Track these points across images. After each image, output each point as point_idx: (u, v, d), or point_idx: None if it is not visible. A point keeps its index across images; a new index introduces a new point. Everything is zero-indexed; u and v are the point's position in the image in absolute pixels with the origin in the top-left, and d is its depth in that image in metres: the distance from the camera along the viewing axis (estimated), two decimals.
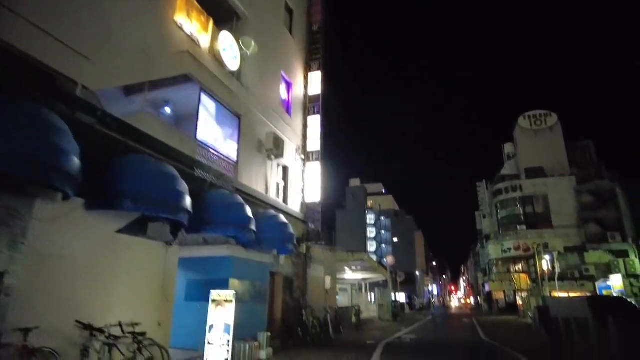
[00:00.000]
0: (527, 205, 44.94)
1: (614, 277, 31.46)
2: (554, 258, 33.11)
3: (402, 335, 16.52)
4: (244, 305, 10.39)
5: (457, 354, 11.35)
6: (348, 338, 15.01)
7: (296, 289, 13.51)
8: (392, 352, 11.45)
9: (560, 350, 12.03)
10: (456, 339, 15.15)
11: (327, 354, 10.97)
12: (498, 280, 48.34)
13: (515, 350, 11.49)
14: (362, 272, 31.51)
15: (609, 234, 41.06)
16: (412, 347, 12.71)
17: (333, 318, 16.18)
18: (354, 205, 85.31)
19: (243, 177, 10.92)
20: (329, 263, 17.13)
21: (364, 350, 11.71)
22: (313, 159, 14.87)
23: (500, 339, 15.04)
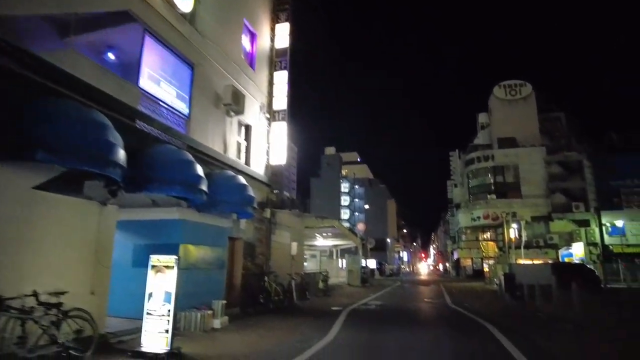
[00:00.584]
0: (497, 175, 45.43)
1: (576, 245, 32.41)
2: (521, 227, 33.73)
3: (368, 301, 16.29)
4: (198, 272, 9.66)
5: (421, 321, 11.07)
6: (313, 304, 14.62)
7: (259, 255, 12.86)
8: (355, 319, 11.06)
9: (524, 316, 11.94)
10: (422, 306, 15.01)
11: (288, 320, 10.46)
12: (466, 248, 49.46)
13: (480, 317, 11.31)
14: (333, 239, 31.31)
15: (574, 204, 42.15)
16: (376, 314, 12.39)
17: (299, 284, 15.72)
18: (328, 174, 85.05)
19: (197, 133, 9.91)
20: (296, 229, 16.52)
21: (327, 316, 11.28)
22: (279, 119, 13.89)
23: (466, 306, 14.99)
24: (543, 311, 12.71)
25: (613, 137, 45.21)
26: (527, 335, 8.46)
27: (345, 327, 9.47)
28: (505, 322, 10.42)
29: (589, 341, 8.00)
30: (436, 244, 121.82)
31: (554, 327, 9.57)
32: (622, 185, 41.13)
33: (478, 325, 9.96)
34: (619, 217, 39.11)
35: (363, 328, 9.35)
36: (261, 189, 13.11)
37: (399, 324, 9.90)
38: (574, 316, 11.14)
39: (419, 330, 8.94)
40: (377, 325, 9.89)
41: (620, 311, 12.70)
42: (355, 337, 8.29)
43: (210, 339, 7.82)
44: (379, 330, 9.09)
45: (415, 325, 9.82)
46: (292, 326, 9.55)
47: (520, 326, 9.78)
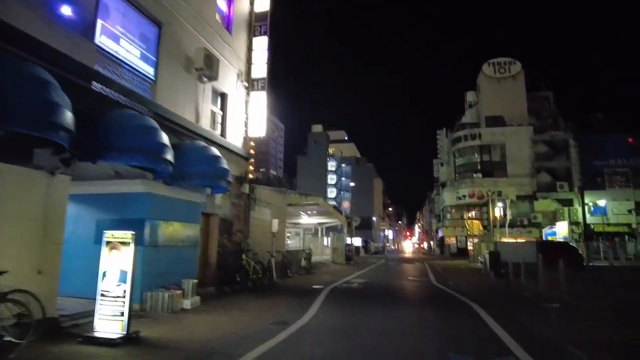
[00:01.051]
0: (484, 153, 45.29)
1: (560, 224, 32.60)
2: (506, 206, 33.71)
3: (351, 279, 15.91)
4: (168, 249, 9.00)
5: (404, 300, 10.66)
6: (295, 282, 14.16)
7: (236, 232, 12.23)
8: (336, 298, 10.60)
9: (510, 295, 11.65)
10: (406, 284, 14.67)
11: (266, 300, 9.94)
12: (451, 227, 49.70)
13: (465, 296, 10.96)
14: (318, 217, 30.85)
15: (558, 183, 42.41)
16: (358, 293, 11.97)
17: (280, 262, 15.23)
18: (315, 152, 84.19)
19: (165, 99, 9.08)
20: (278, 206, 15.89)
21: (307, 295, 10.80)
22: (258, 88, 13.04)
23: (450, 284, 14.70)
24: (529, 290, 12.45)
25: (599, 117, 45.25)
26: (514, 316, 8.08)
27: (325, 307, 8.99)
28: (490, 302, 10.08)
29: (576, 321, 7.65)
30: (421, 223, 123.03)
31: (540, 307, 9.23)
32: (606, 165, 41.37)
33: (463, 305, 9.58)
34: (602, 197, 39.48)
35: (343, 308, 8.88)
36: (239, 162, 12.38)
37: (382, 304, 9.46)
38: (560, 295, 10.87)
39: (402, 311, 8.50)
40: (358, 304, 9.43)
41: (604, 289, 12.54)
42: (333, 318, 7.80)
43: (177, 320, 7.24)
44: (360, 310, 8.62)
45: (399, 305, 9.40)
46: (268, 306, 9.03)
47: (507, 306, 9.43)
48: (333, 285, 13.22)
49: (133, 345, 5.42)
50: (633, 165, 40.76)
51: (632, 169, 40.68)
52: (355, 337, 6.13)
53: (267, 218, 14.50)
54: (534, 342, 6.05)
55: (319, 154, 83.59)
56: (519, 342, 5.88)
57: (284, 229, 16.92)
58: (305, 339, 6.07)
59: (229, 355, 5.12)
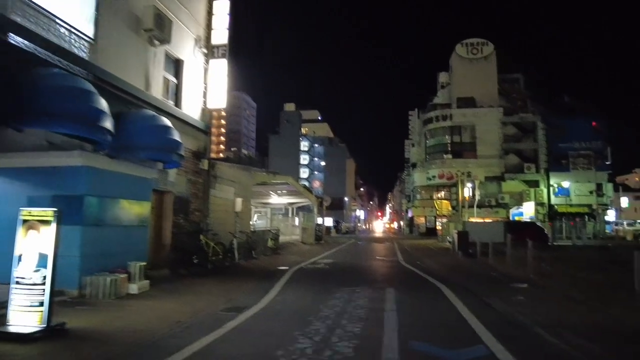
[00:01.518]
0: (455, 134, 45.51)
1: (527, 205, 33.24)
2: (475, 186, 34.07)
3: (319, 259, 15.44)
4: (113, 229, 8.15)
5: (370, 281, 10.23)
6: (259, 264, 13.54)
7: (194, 211, 11.42)
8: (299, 279, 10.06)
9: (478, 275, 11.44)
10: (374, 264, 14.33)
11: (224, 283, 9.29)
12: (421, 207, 50.20)
13: (432, 277, 10.64)
14: (288, 197, 30.22)
15: (526, 165, 43.23)
16: (324, 274, 11.48)
17: (244, 243, 14.55)
18: (288, 131, 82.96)
19: (108, 62, 8.06)
20: (243, 184, 15.10)
21: (270, 277, 10.21)
22: (218, 55, 12.04)
23: (418, 264, 14.46)
24: (497, 269, 12.31)
25: (565, 100, 46.15)
26: (483, 298, 7.75)
27: (286, 289, 8.43)
28: (459, 283, 9.78)
29: (546, 303, 7.39)
30: (392, 203, 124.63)
31: (509, 287, 8.99)
32: (570, 148, 42.40)
33: (431, 287, 9.23)
34: (566, 179, 40.59)
35: (305, 291, 8.33)
36: (196, 136, 11.48)
37: (346, 285, 8.97)
38: (529, 275, 10.73)
39: (366, 294, 8.03)
40: (321, 286, 8.91)
41: (570, 269, 12.56)
42: (292, 302, 7.23)
43: (118, 308, 6.48)
44: (322, 292, 8.09)
45: (363, 287, 8.93)
46: (225, 290, 8.37)
47: (475, 287, 9.13)
48: (298, 267, 12.69)
49: (53, 340, 4.65)
50: (595, 148, 41.96)
51: (594, 151, 41.87)
52: (312, 323, 5.57)
53: (229, 197, 13.72)
54: (504, 328, 5.67)
55: (292, 134, 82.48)
56: (489, 327, 5.49)
57: (250, 208, 16.19)
58: (257, 327, 5.46)
59: (164, 349, 4.44)
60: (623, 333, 5.55)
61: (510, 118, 44.64)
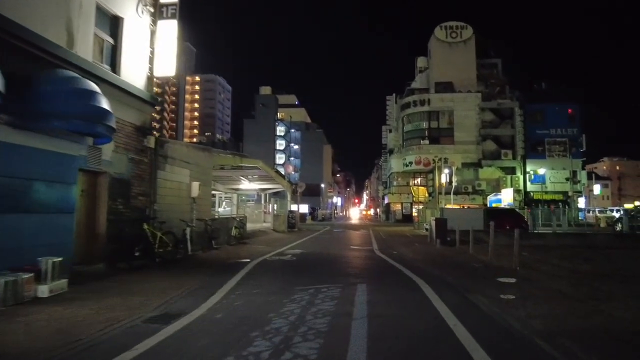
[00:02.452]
0: (432, 120, 44.75)
1: (505, 191, 32.74)
2: (452, 172, 33.31)
3: (287, 249, 14.15)
4: (20, 217, 6.62)
5: (339, 275, 8.99)
6: (219, 255, 12.15)
7: (137, 196, 9.86)
8: (258, 274, 8.74)
9: (459, 266, 10.38)
10: (346, 255, 13.13)
11: (169, 279, 7.88)
12: (397, 193, 49.53)
13: (409, 269, 9.49)
14: (260, 182, 28.71)
15: (503, 151, 42.95)
16: (288, 266, 10.19)
17: (202, 232, 13.11)
18: (263, 116, 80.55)
19: (13, 8, 6.37)
20: (202, 166, 13.56)
21: (226, 271, 8.87)
22: (168, 15, 10.36)
23: (394, 254, 13.36)
24: (478, 260, 11.31)
25: (542, 86, 45.92)
26: (467, 297, 6.62)
27: (237, 289, 7.09)
28: (438, 275, 8.67)
29: (536, 301, 6.31)
30: (369, 190, 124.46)
31: (494, 282, 7.91)
32: (547, 135, 42.27)
33: (408, 282, 8.06)
34: (542, 166, 40.45)
35: (260, 290, 7.01)
36: (141, 108, 9.86)
37: (311, 282, 7.71)
38: (513, 267, 9.74)
39: (332, 294, 6.78)
40: (281, 284, 7.61)
41: (554, 258, 11.69)
42: (241, 306, 5.90)
43: (6, 319, 5.01)
44: (280, 292, 6.80)
45: (331, 283, 7.70)
46: (164, 289, 6.96)
47: (457, 281, 8.02)
48: (262, 258, 11.36)
49: None
50: (570, 135, 41.94)
51: (569, 138, 41.86)
52: (256, 342, 4.26)
53: (184, 180, 12.18)
54: (496, 338, 4.52)
55: (267, 118, 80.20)
56: (479, 338, 4.33)
57: (210, 193, 14.67)
58: (178, 349, 4.10)
59: None
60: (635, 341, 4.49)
61: (488, 104, 44.14)
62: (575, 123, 42.06)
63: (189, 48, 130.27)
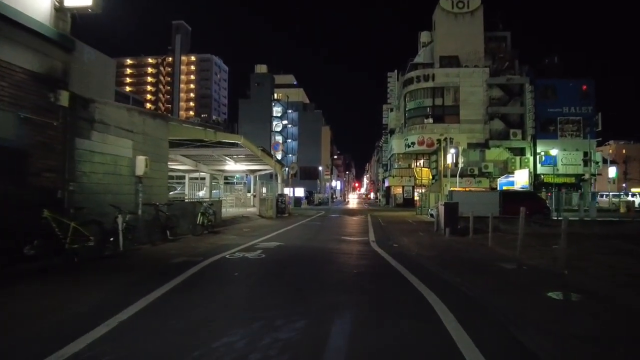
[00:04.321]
0: (437, 96, 41.67)
1: (520, 173, 29.89)
2: (458, 152, 30.55)
3: (262, 241, 11.50)
4: None
5: (313, 289, 6.35)
6: (169, 250, 9.47)
7: (42, 172, 7.16)
8: (197, 284, 6.06)
9: (485, 270, 7.73)
10: (334, 249, 10.46)
11: (57, 294, 5.23)
12: (398, 176, 46.85)
13: (415, 274, 6.79)
14: (247, 163, 25.96)
15: (512, 131, 40.04)
16: (247, 270, 7.53)
17: (152, 219, 10.45)
18: (259, 95, 77.15)
19: None
20: (151, 137, 10.80)
21: (155, 278, 6.24)
22: None
23: (394, 248, 10.72)
24: (505, 257, 8.64)
25: (555, 60, 42.69)
26: (511, 329, 3.94)
27: (142, 316, 4.40)
28: (457, 286, 5.98)
29: (623, 344, 3.65)
30: (369, 174, 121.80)
31: (544, 299, 5.23)
32: (560, 113, 39.28)
33: (413, 299, 5.37)
34: (553, 146, 37.60)
35: (175, 319, 4.34)
36: (44, 50, 7.06)
37: (265, 303, 5.07)
38: (550, 265, 7.11)
39: (291, 326, 4.14)
40: (215, 307, 4.94)
41: (592, 252, 9.06)
42: (124, 350, 3.23)
43: None
44: (202, 323, 4.14)
45: (296, 303, 5.06)
46: (25, 315, 4.30)
47: (487, 297, 5.35)
48: (221, 256, 8.68)
49: None
50: (585, 113, 38.94)
51: (584, 117, 38.89)
52: None
53: (124, 153, 9.44)
54: None
55: (263, 98, 76.91)
56: None
57: (166, 171, 11.92)
58: None
59: None
60: None
61: (496, 79, 41.00)
62: (590, 100, 38.96)
63: (184, 27, 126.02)
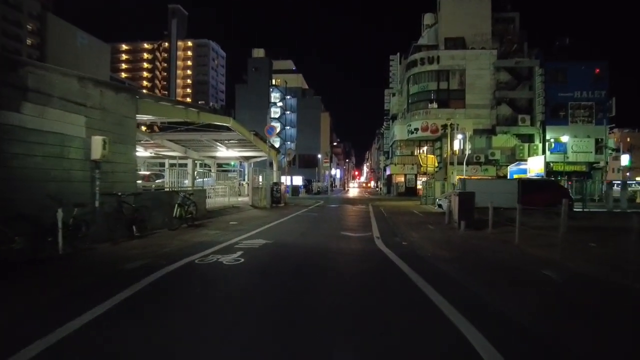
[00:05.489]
0: (442, 80, 39.64)
1: (533, 160, 28.04)
2: (466, 138, 28.77)
3: (246, 238, 9.75)
4: None
5: (297, 323, 4.64)
6: (128, 251, 7.72)
7: None
8: (131, 315, 4.36)
9: (526, 280, 6.02)
10: (330, 249, 8.70)
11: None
12: (400, 164, 45.04)
13: (438, 287, 5.03)
14: (240, 149, 24.13)
15: (520, 116, 38.13)
16: (213, 286, 5.80)
17: (113, 212, 8.70)
18: (256, 81, 74.88)
19: None
20: (112, 114, 9.00)
21: (79, 296, 4.53)
22: None
23: (404, 246, 8.99)
24: (536, 258, 6.91)
25: (566, 42, 40.56)
26: None
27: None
28: (499, 310, 4.24)
29: None
30: (370, 162, 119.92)
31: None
32: (571, 97, 37.31)
33: (446, 337, 3.65)
34: (564, 133, 35.76)
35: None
36: None
37: (228, 343, 3.35)
38: (606, 272, 5.39)
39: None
40: (166, 338, 3.22)
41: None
42: None
43: None
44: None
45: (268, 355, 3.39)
46: None
47: (545, 332, 3.63)
48: (188, 260, 6.91)
49: None
50: (598, 98, 36.98)
51: (596, 102, 36.95)
52: None
53: (73, 132, 7.63)
54: None
55: (261, 84, 74.70)
56: None
57: (133, 156, 10.10)
58: None
59: None
60: None
61: (504, 62, 38.94)
62: (603, 84, 36.96)
63: (181, 11, 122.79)
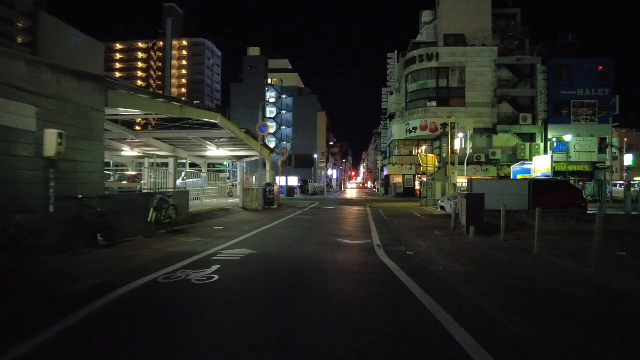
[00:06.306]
0: (441, 78, 38.50)
1: (540, 159, 26.86)
2: (467, 137, 27.68)
3: (228, 247, 8.57)
4: None
5: None
6: (86, 263, 6.56)
7: None
8: (70, 349, 3.20)
9: (551, 302, 4.89)
10: (324, 261, 7.54)
11: None
12: (398, 164, 43.90)
13: (471, 331, 3.91)
14: (231, 148, 22.88)
15: (522, 115, 37.05)
16: (181, 312, 4.65)
17: (73, 218, 7.49)
18: (252, 80, 73.66)
19: None
20: (73, 104, 7.79)
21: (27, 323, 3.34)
22: None
23: (409, 257, 7.82)
24: (569, 272, 5.78)
25: (569, 39, 39.55)
26: None
27: None
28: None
29: None
30: (367, 162, 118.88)
31: None
32: (574, 96, 36.29)
33: None
34: (567, 132, 34.75)
35: None
36: None
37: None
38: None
39: None
40: None
41: None
42: None
43: None
44: None
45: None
46: None
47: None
48: (152, 277, 5.73)
49: None
50: (601, 96, 35.99)
51: (600, 100, 35.95)
52: None
53: (19, 125, 6.42)
54: None
55: (256, 82, 73.45)
56: None
57: (100, 153, 8.87)
58: None
59: None
60: None
61: (505, 59, 37.84)
62: (608, 82, 35.98)
63: (176, 10, 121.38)
